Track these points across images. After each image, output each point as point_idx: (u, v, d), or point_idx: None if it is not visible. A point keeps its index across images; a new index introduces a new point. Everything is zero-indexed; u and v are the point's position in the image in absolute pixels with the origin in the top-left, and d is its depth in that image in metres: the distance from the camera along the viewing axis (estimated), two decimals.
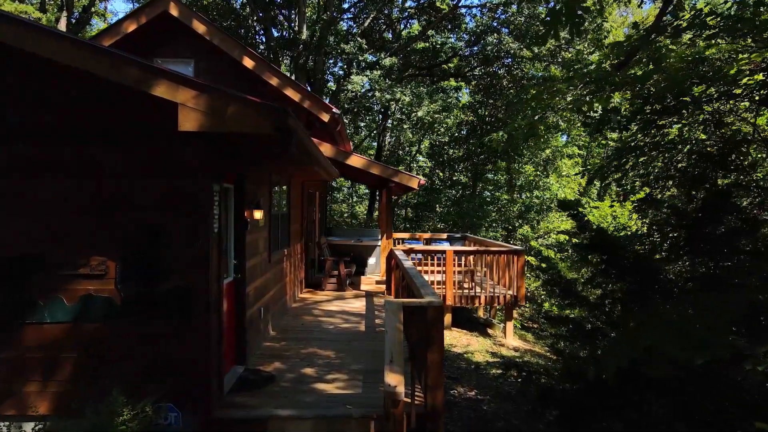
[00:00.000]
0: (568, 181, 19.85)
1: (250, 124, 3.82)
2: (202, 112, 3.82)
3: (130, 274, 4.38)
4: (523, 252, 10.60)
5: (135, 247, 4.37)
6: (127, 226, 4.36)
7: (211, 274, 4.47)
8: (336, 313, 8.83)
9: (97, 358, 4.36)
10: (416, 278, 5.89)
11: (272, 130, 3.84)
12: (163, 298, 4.38)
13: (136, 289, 4.39)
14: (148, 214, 4.36)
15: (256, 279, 6.40)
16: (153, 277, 4.38)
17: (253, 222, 6.06)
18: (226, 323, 5.35)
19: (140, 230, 4.37)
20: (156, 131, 4.30)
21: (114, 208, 4.35)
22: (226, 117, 3.82)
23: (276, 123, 3.82)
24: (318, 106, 10.26)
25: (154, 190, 4.35)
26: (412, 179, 10.26)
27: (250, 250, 5.98)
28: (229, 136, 4.25)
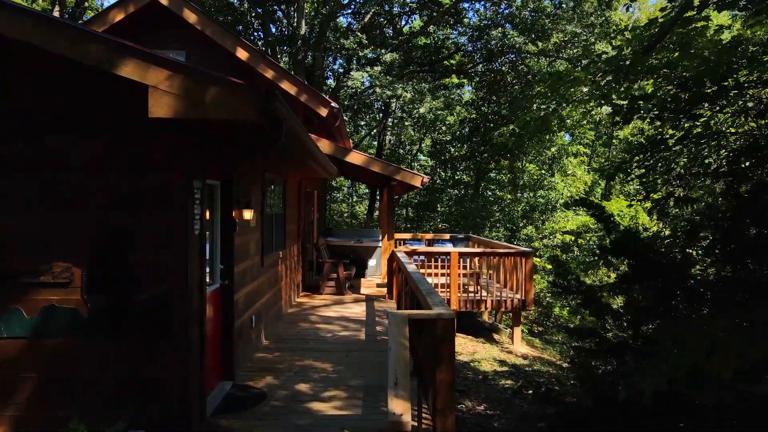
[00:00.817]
0: (573, 179, 19.29)
1: (231, 110, 3.29)
2: (175, 96, 3.30)
3: (99, 282, 3.85)
4: (531, 254, 10.07)
5: (104, 251, 3.84)
6: (95, 227, 3.83)
7: (191, 282, 3.94)
8: (334, 319, 8.30)
9: (60, 379, 3.83)
10: (421, 284, 5.36)
11: (258, 116, 3.31)
12: (136, 309, 3.85)
13: (106, 300, 3.86)
14: (118, 214, 3.83)
15: (246, 285, 5.87)
16: (125, 286, 3.85)
17: (242, 223, 5.53)
18: (212, 335, 4.82)
19: (110, 232, 3.84)
20: (127, 120, 3.77)
21: (79, 207, 3.83)
22: (204, 101, 3.29)
23: (262, 108, 3.29)
24: (316, 100, 9.73)
25: (125, 186, 3.82)
26: (414, 177, 9.73)
27: (239, 254, 5.46)
28: (211, 125, 3.72)
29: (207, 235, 4.64)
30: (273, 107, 3.33)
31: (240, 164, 5.44)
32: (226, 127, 3.81)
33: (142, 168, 3.81)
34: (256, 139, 4.20)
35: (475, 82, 20.32)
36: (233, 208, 5.15)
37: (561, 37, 16.55)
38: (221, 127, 3.83)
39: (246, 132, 3.94)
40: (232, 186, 5.11)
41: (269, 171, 7.11)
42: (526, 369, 8.61)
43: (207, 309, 4.59)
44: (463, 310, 10.00)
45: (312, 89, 9.96)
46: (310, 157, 5.91)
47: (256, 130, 3.76)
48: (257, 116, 3.30)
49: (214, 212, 4.95)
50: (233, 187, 5.14)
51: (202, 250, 4.19)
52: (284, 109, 3.59)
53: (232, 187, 5.12)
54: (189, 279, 3.91)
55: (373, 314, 8.74)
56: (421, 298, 4.89)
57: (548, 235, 19.08)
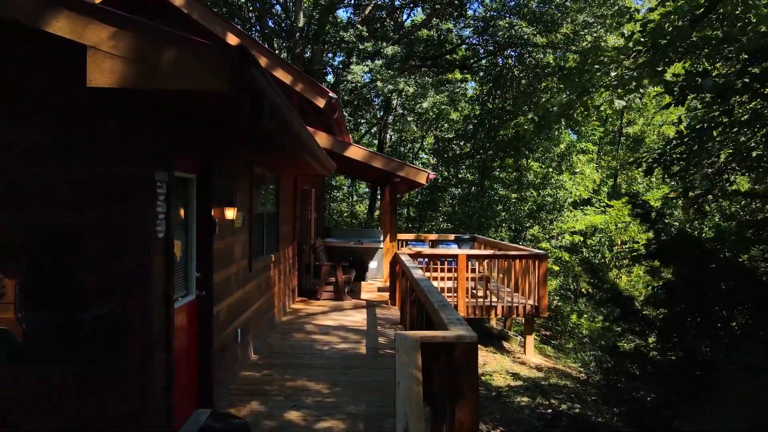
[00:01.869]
0: (581, 178, 18.51)
1: (195, 78, 2.55)
2: (122, 60, 2.55)
3: (36, 297, 3.10)
4: (545, 256, 9.33)
5: (42, 260, 3.10)
6: (31, 231, 3.09)
7: (153, 296, 3.20)
8: (332, 329, 7.56)
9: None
10: (431, 294, 4.61)
11: (229, 86, 2.56)
12: (82, 331, 3.11)
13: (46, 319, 3.11)
14: (60, 214, 3.08)
15: (230, 294, 5.13)
16: (68, 302, 3.10)
17: (225, 223, 4.78)
18: (185, 356, 4.08)
19: (49, 237, 3.09)
20: (68, 97, 3.02)
21: (10, 207, 3.08)
22: (160, 67, 2.55)
23: (233, 76, 2.55)
24: (312, 90, 8.99)
25: (68, 181, 3.07)
26: (419, 173, 8.98)
27: (220, 259, 4.71)
28: (174, 100, 2.98)
29: (179, 238, 3.90)
30: (248, 75, 2.59)
31: (221, 155, 4.69)
32: (195, 104, 3.07)
33: (90, 157, 3.06)
34: (234, 120, 3.44)
35: (480, 77, 19.55)
36: (212, 206, 4.40)
37: (571, 28, 15.79)
38: (189, 104, 3.09)
39: (221, 111, 3.20)
40: (211, 180, 4.37)
41: (259, 165, 6.37)
42: (542, 383, 7.86)
43: (178, 326, 3.84)
44: (472, 317, 9.26)
45: (308, 77, 9.22)
46: (304, 149, 5.17)
47: (232, 106, 3.02)
48: (228, 86, 2.56)
49: (189, 211, 4.20)
50: (212, 182, 4.39)
51: (168, 256, 3.45)
52: (264, 80, 2.85)
53: (212, 181, 4.38)
54: (150, 292, 3.17)
55: (374, 323, 7.99)
56: (432, 312, 4.14)
57: (556, 236, 18.32)
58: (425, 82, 16.73)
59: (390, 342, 6.88)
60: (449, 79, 19.34)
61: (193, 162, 4.18)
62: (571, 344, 12.68)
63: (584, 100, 5.89)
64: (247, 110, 2.97)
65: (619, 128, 21.31)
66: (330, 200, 26.81)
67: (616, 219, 17.56)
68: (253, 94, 2.85)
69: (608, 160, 22.40)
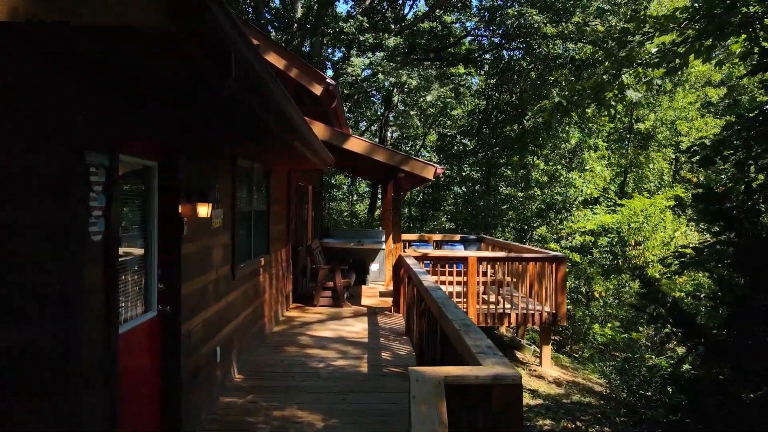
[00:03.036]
0: (592, 175, 17.66)
1: (117, 6, 1.72)
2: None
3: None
4: (563, 259, 8.50)
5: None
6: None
7: (80, 318, 2.38)
8: (330, 341, 6.73)
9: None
10: (447, 308, 3.79)
11: (170, 22, 1.74)
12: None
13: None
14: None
15: (207, 307, 4.31)
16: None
17: (197, 222, 3.96)
18: (144, 386, 3.26)
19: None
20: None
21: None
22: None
23: (177, 7, 1.72)
24: (308, 76, 8.18)
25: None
26: (426, 167, 8.16)
27: (192, 266, 3.89)
28: (98, 50, 2.16)
29: (133, 241, 3.08)
30: (202, 10, 1.77)
31: (192, 140, 3.87)
32: (132, 58, 2.24)
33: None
34: (197, 87, 2.62)
35: (486, 70, 18.70)
36: (180, 200, 3.58)
37: (583, 17, 14.95)
38: (125, 59, 2.26)
39: (174, 72, 2.37)
40: (177, 169, 3.55)
41: (244, 156, 5.55)
42: (564, 401, 7.04)
43: (131, 352, 3.03)
44: (483, 326, 8.44)
45: (304, 62, 8.41)
46: (295, 134, 4.35)
47: (188, 63, 2.20)
48: (168, 20, 1.73)
49: (148, 207, 3.38)
50: (180, 172, 3.57)
51: (110, 264, 2.63)
52: (229, 23, 2.03)
53: (178, 170, 3.56)
54: (78, 313, 2.35)
55: (377, 334, 7.17)
56: (453, 333, 3.32)
57: (566, 236, 17.48)
58: (429, 75, 15.91)
59: (395, 358, 6.07)
60: (453, 73, 18.53)
61: (154, 146, 3.36)
62: (586, 351, 11.85)
63: (620, 81, 5.09)
64: (209, 68, 2.16)
65: (630, 124, 20.45)
66: (329, 199, 26.00)
67: (629, 219, 16.74)
68: (215, 44, 2.04)
69: (617, 158, 21.57)
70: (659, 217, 16.49)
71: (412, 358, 6.02)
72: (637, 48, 4.93)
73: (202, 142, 4.10)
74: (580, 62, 14.28)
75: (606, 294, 15.32)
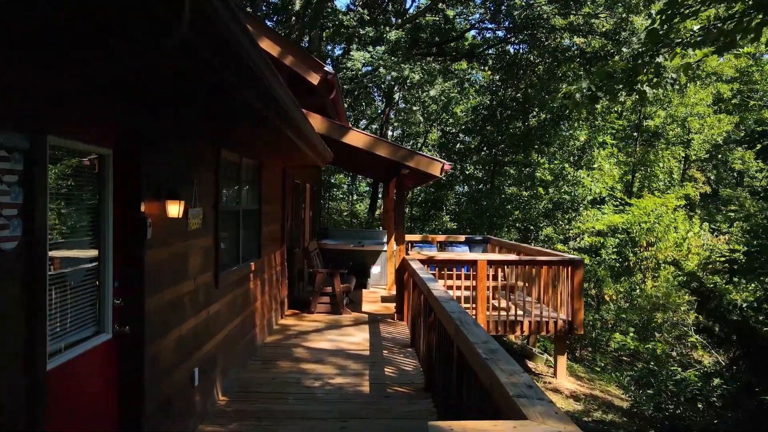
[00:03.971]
0: (600, 174, 17.00)
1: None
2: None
3: None
4: (581, 263, 7.86)
5: None
6: None
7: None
8: (327, 354, 6.10)
9: None
10: (469, 329, 3.16)
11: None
12: None
13: None
14: None
15: (182, 322, 3.67)
16: None
17: (165, 223, 3.33)
18: (97, 427, 2.63)
19: None
20: None
21: None
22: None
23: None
24: (305, 64, 7.54)
25: None
26: (432, 164, 7.52)
27: (161, 275, 3.26)
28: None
29: (80, 246, 2.45)
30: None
31: (159, 125, 3.24)
32: None
33: None
34: (136, 28, 1.97)
35: (490, 65, 18.05)
36: (143, 197, 2.95)
37: (593, 8, 14.31)
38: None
39: (109, 17, 1.73)
40: (138, 160, 2.91)
41: (230, 148, 4.91)
42: (584, 419, 6.41)
43: (73, 387, 2.40)
44: (493, 334, 7.81)
45: (299, 49, 7.79)
46: (282, 118, 3.71)
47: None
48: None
49: (101, 204, 2.75)
50: (141, 162, 2.93)
51: (34, 279, 1.99)
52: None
53: (140, 161, 2.92)
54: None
55: (379, 345, 6.54)
56: (477, 362, 2.69)
57: (574, 237, 16.83)
58: (432, 69, 15.28)
59: (400, 374, 5.43)
60: (456, 70, 17.90)
61: (106, 129, 2.72)
62: (600, 359, 11.20)
63: (656, 62, 4.47)
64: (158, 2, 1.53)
65: (639, 121, 19.80)
66: (329, 198, 25.37)
67: (639, 219, 16.11)
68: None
69: (624, 156, 20.90)
70: (671, 217, 15.86)
71: (420, 374, 5.39)
72: (678, 23, 4.31)
73: (174, 128, 3.47)
74: (590, 55, 13.64)
75: (617, 297, 14.70)
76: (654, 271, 15.37)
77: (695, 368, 7.69)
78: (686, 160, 22.27)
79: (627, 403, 7.58)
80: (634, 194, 19.66)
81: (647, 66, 4.63)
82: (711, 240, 16.04)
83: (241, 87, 2.50)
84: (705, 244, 15.10)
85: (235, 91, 2.52)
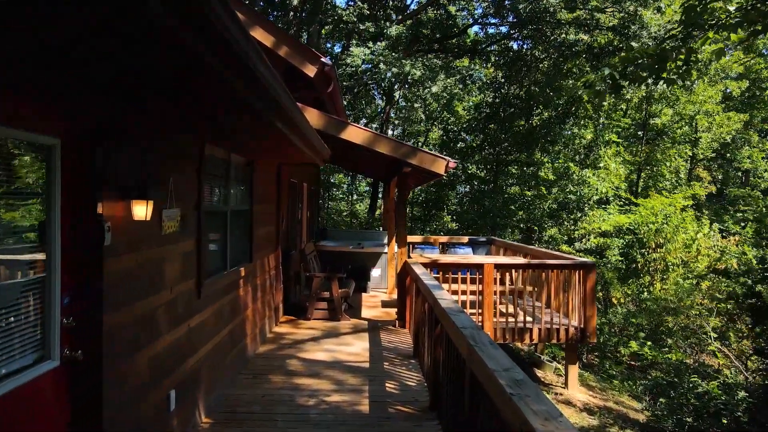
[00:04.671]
0: (606, 173, 16.52)
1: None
2: None
3: None
4: (593, 266, 7.42)
5: None
6: None
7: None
8: (324, 366, 5.64)
9: None
10: (485, 350, 2.71)
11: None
12: None
13: None
14: None
15: (153, 340, 3.21)
16: None
17: (130, 227, 2.87)
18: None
19: None
20: None
21: None
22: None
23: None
24: (300, 55, 7.10)
25: None
26: (437, 161, 7.06)
27: (126, 287, 2.80)
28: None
29: (25, 254, 2.00)
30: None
31: (124, 112, 2.78)
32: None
33: None
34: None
35: (494, 62, 17.58)
36: (99, 196, 2.49)
37: (600, 1, 13.85)
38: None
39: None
40: (94, 152, 2.45)
41: (215, 143, 4.46)
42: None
43: (9, 428, 1.94)
44: (500, 342, 7.37)
45: (294, 40, 7.34)
46: (272, 108, 3.26)
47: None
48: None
49: (48, 206, 2.29)
50: (98, 155, 2.47)
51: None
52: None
53: (95, 154, 2.46)
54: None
55: (380, 356, 6.08)
56: (497, 393, 2.24)
57: (579, 238, 16.36)
58: (434, 65, 14.82)
59: (403, 390, 4.97)
60: (458, 67, 17.43)
61: (53, 114, 2.26)
62: (608, 365, 10.74)
63: (688, 46, 4.01)
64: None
65: (645, 119, 19.32)
66: (328, 198, 24.91)
67: (646, 219, 15.65)
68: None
69: (629, 156, 20.42)
70: (680, 218, 15.39)
71: (424, 390, 4.94)
72: (711, 1, 3.86)
73: (142, 117, 3.01)
74: (598, 50, 13.18)
75: (625, 300, 14.25)
76: (663, 273, 14.91)
77: (716, 378, 7.23)
78: (692, 159, 21.79)
79: (643, 416, 7.12)
80: (639, 194, 19.22)
81: (677, 51, 4.16)
82: (721, 241, 15.58)
83: (220, 67, 2.05)
84: (715, 246, 14.63)
85: (211, 71, 2.06)
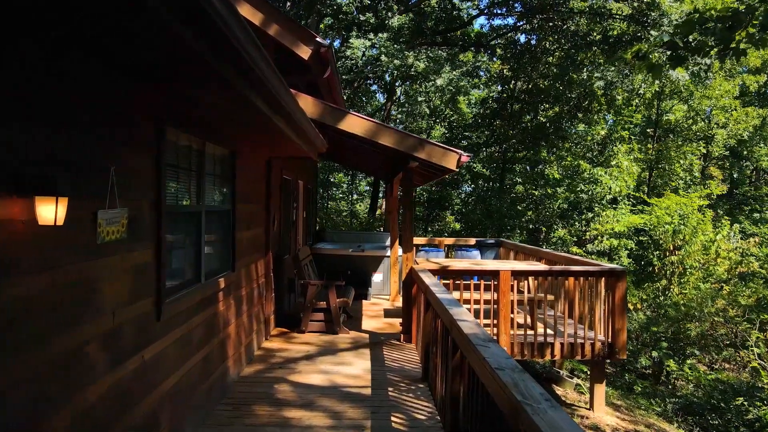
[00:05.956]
0: (619, 171, 15.68)
1: None
2: None
3: None
4: (623, 274, 6.58)
5: None
6: None
7: None
8: (318, 393, 4.80)
9: None
10: (544, 417, 1.87)
11: None
12: None
13: None
14: None
15: (78, 388, 2.37)
16: None
17: (35, 235, 2.03)
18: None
19: None
20: None
21: None
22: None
23: None
24: (292, 35, 6.27)
25: None
26: (447, 155, 6.21)
27: (27, 321, 1.97)
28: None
29: None
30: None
31: (13, 68, 1.94)
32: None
33: None
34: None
35: (501, 55, 16.73)
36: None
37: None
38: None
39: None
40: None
41: (181, 127, 3.62)
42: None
43: None
44: (519, 358, 6.54)
45: (286, 17, 6.50)
46: (236, 69, 2.42)
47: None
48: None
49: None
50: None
51: None
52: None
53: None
54: None
55: (383, 379, 5.24)
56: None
57: (591, 239, 15.53)
58: (439, 57, 13.99)
59: (412, 426, 4.14)
60: (463, 61, 16.61)
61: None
62: (628, 377, 9.92)
63: (765, 9, 3.19)
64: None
65: (657, 116, 18.49)
66: (327, 198, 24.07)
67: (662, 219, 14.81)
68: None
69: (641, 154, 19.58)
70: (698, 218, 14.54)
71: (437, 425, 4.11)
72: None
73: (54, 80, 2.17)
74: (614, 39, 12.35)
75: (641, 306, 13.42)
76: (680, 276, 14.09)
77: (760, 398, 6.40)
78: (706, 156, 20.97)
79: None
80: (651, 193, 18.40)
81: (751, 15, 3.35)
82: (740, 243, 14.77)
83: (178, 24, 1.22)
84: (737, 248, 13.81)
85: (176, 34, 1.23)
